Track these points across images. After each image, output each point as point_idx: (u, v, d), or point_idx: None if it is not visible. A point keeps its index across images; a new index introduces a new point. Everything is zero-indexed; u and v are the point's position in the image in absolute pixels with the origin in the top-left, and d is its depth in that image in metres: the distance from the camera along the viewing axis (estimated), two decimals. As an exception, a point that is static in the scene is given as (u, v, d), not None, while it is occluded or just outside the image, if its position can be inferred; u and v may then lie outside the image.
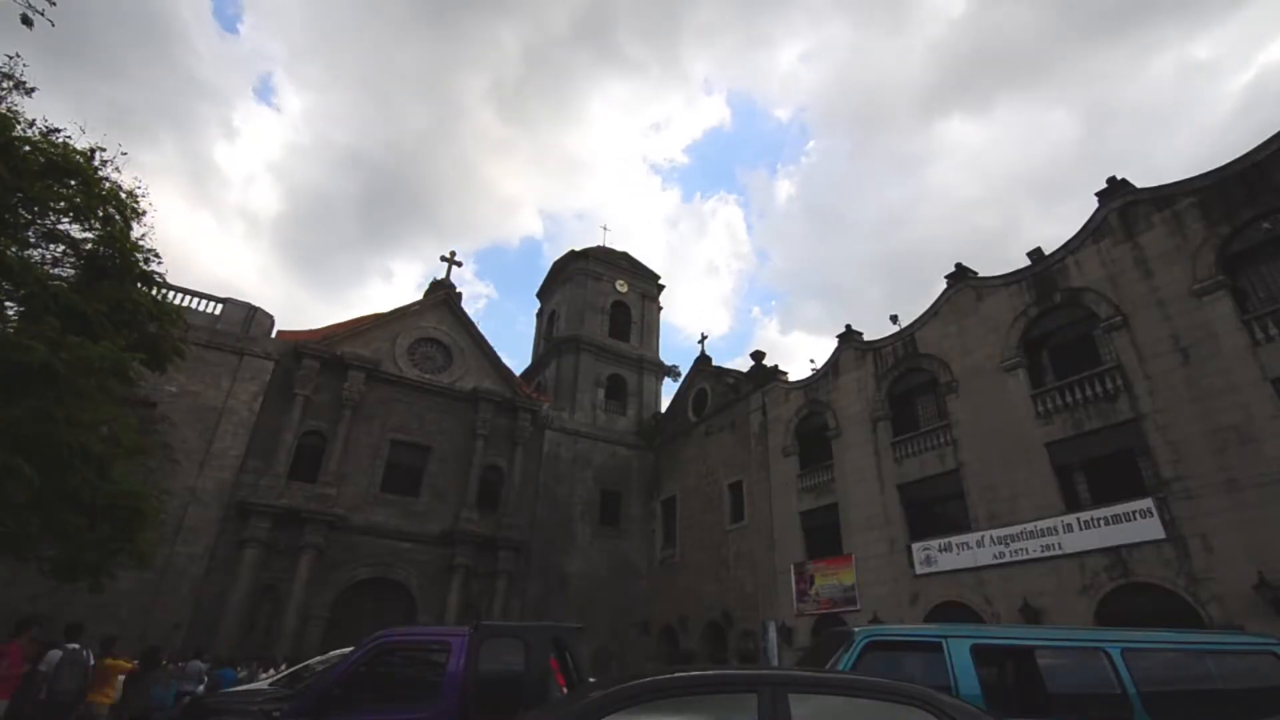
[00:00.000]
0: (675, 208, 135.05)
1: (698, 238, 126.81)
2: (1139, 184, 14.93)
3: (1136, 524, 12.95)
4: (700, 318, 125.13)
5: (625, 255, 35.06)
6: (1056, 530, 14.20)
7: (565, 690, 6.55)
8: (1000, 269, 17.49)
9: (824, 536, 19.90)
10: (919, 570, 16.75)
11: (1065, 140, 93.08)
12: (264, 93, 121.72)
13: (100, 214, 8.98)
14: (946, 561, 16.19)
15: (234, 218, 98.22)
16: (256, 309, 22.71)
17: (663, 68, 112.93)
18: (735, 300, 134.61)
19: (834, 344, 21.77)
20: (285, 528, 20.43)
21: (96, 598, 12.60)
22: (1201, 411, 12.57)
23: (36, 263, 8.62)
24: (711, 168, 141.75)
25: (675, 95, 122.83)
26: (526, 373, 33.78)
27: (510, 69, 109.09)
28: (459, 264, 28.39)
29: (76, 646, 9.98)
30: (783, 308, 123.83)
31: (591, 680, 6.22)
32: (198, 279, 78.97)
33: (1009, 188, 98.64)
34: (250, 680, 13.87)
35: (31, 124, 8.61)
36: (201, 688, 13.33)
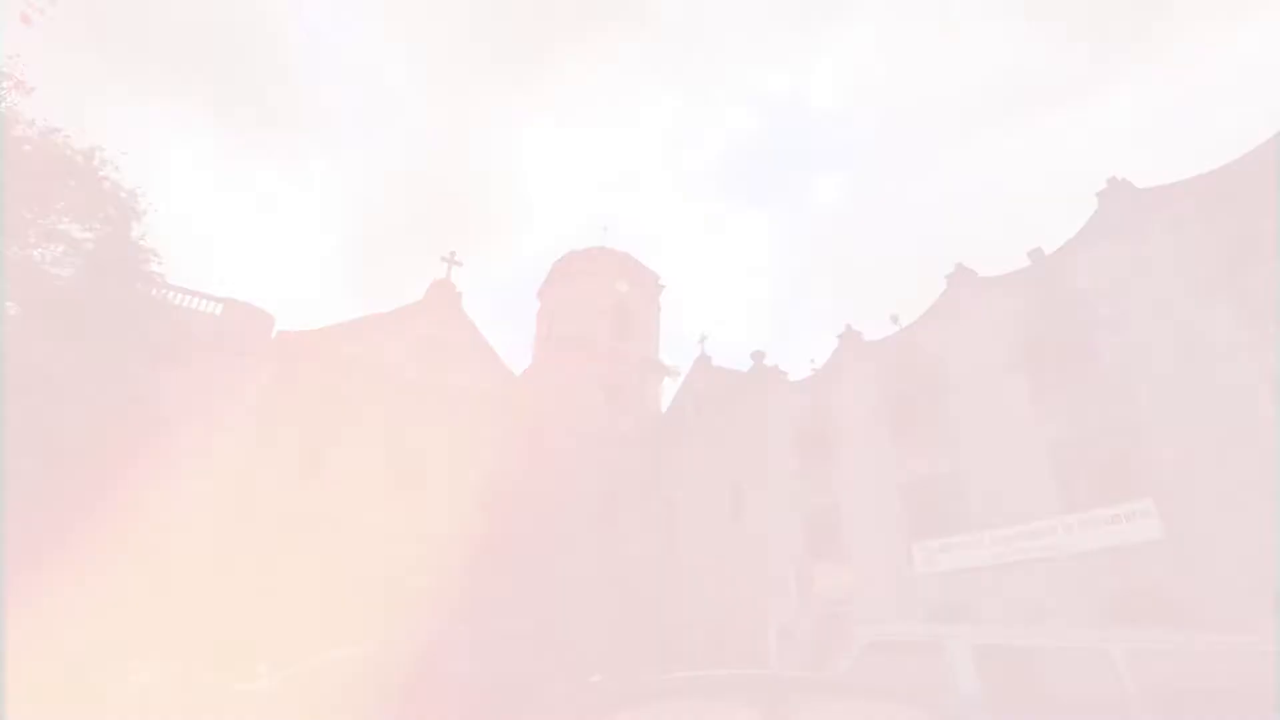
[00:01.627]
0: (715, 211, 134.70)
1: (735, 241, 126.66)
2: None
3: (1136, 524, 12.95)
4: (736, 321, 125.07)
5: (625, 255, 34.99)
6: (1056, 530, 14.19)
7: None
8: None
9: (824, 536, 19.90)
10: (919, 570, 16.74)
11: (1108, 146, 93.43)
12: (346, 125, 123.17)
13: (100, 214, 8.95)
14: (946, 561, 16.18)
15: (303, 243, 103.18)
16: (257, 309, 22.68)
17: (710, 74, 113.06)
18: (773, 303, 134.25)
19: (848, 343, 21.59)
20: (285, 528, 20.37)
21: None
22: (1201, 412, 12.56)
23: (37, 263, 8.60)
24: (754, 172, 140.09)
25: (719, 100, 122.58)
26: (527, 372, 33.72)
27: (567, 87, 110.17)
28: (459, 264, 28.41)
29: None
30: (817, 309, 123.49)
31: (592, 680, 6.22)
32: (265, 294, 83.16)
33: (1054, 192, 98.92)
34: None
35: (31, 123, 8.58)
36: None
